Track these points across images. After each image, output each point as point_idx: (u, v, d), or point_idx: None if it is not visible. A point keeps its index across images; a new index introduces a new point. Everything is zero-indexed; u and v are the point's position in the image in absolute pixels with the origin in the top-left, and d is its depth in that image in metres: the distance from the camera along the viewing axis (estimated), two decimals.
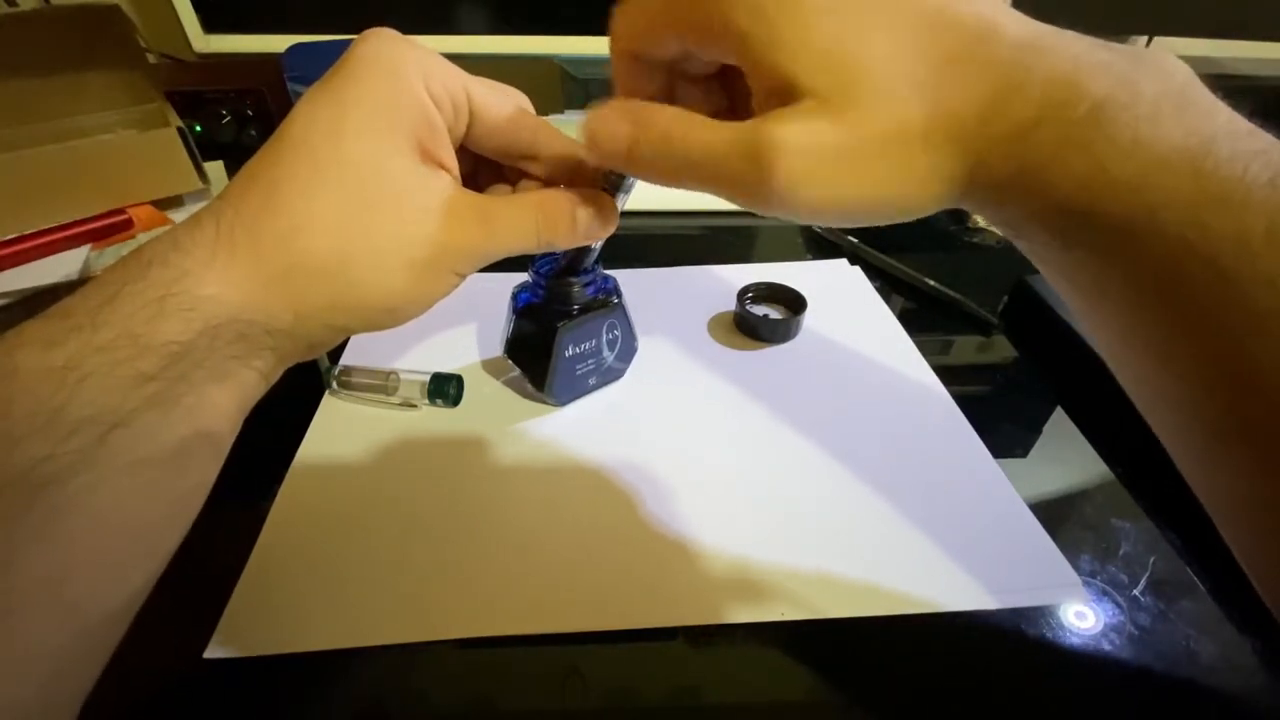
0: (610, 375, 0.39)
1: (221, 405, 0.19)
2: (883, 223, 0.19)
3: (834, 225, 0.20)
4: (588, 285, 0.35)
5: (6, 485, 0.15)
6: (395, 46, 0.20)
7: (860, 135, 0.17)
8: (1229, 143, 0.15)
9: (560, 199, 0.22)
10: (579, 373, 0.37)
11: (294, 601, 0.27)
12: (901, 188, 0.18)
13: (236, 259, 0.18)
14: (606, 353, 0.37)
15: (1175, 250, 0.15)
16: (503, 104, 0.22)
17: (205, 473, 0.19)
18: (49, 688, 0.16)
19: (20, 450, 0.15)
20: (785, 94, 0.17)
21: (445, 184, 0.21)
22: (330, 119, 0.19)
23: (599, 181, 0.23)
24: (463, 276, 0.22)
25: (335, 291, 0.19)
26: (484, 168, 0.25)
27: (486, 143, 0.23)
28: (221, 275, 0.18)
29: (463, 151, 0.23)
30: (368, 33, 0.20)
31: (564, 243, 0.23)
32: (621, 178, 0.23)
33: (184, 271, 0.17)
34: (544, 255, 0.36)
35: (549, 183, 0.24)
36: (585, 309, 0.35)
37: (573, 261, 0.33)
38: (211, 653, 0.25)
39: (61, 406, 0.15)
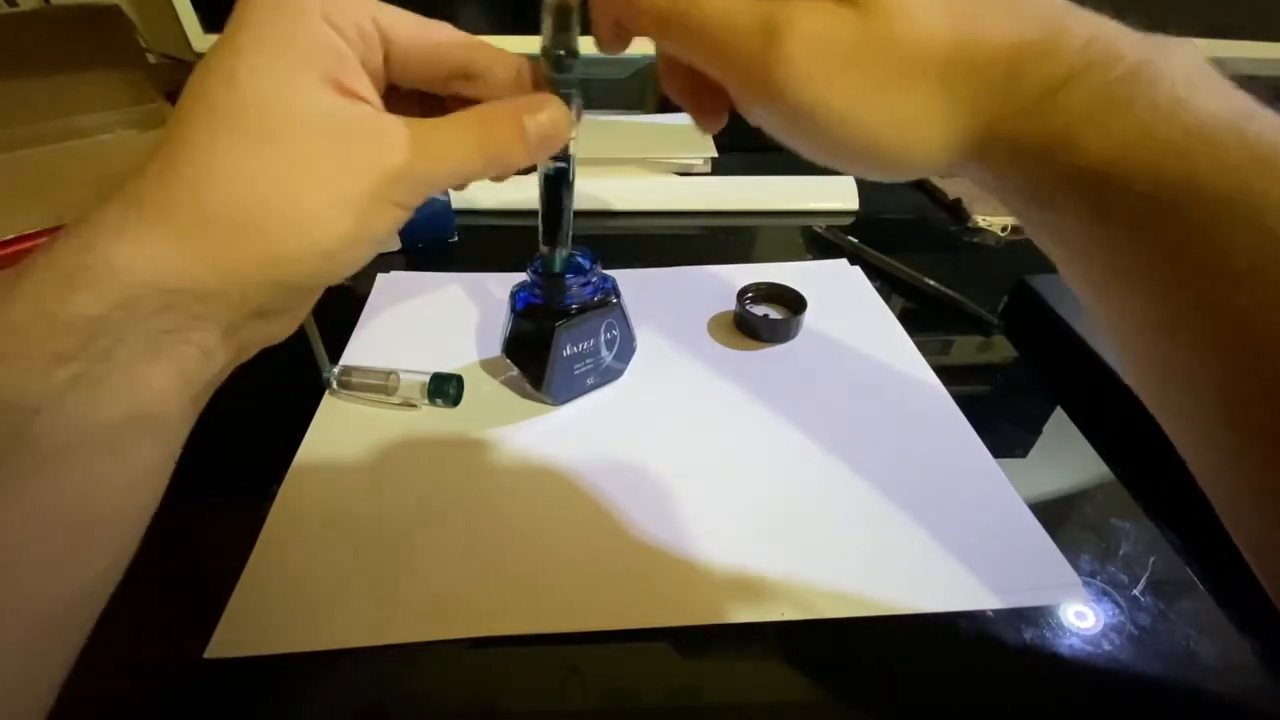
0: (609, 375, 0.39)
1: (159, 385, 0.17)
2: (874, 167, 0.18)
3: (817, 145, 0.19)
4: (586, 285, 0.35)
5: None
6: None
7: (879, 45, 0.16)
8: (1265, 110, 0.15)
9: (502, 107, 0.21)
10: (577, 372, 0.37)
11: (294, 601, 0.27)
12: (904, 116, 0.17)
13: (145, 223, 0.17)
14: (605, 352, 0.37)
15: (1219, 214, 0.14)
16: (420, 25, 0.20)
17: (150, 456, 0.18)
18: (8, 685, 0.16)
19: None
20: None
21: (365, 112, 0.19)
22: (225, 68, 0.18)
23: (543, 89, 0.22)
24: (405, 208, 0.20)
25: (256, 243, 0.18)
26: (423, 107, 0.23)
27: (412, 70, 0.21)
28: (132, 241, 0.16)
29: (396, 94, 0.21)
30: None
31: (518, 156, 0.21)
32: (566, 77, 0.21)
33: (90, 242, 0.16)
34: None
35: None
36: (584, 309, 0.35)
37: (548, 224, 0.29)
38: (211, 653, 0.25)
39: None
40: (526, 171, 0.23)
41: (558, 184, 0.26)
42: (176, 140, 0.17)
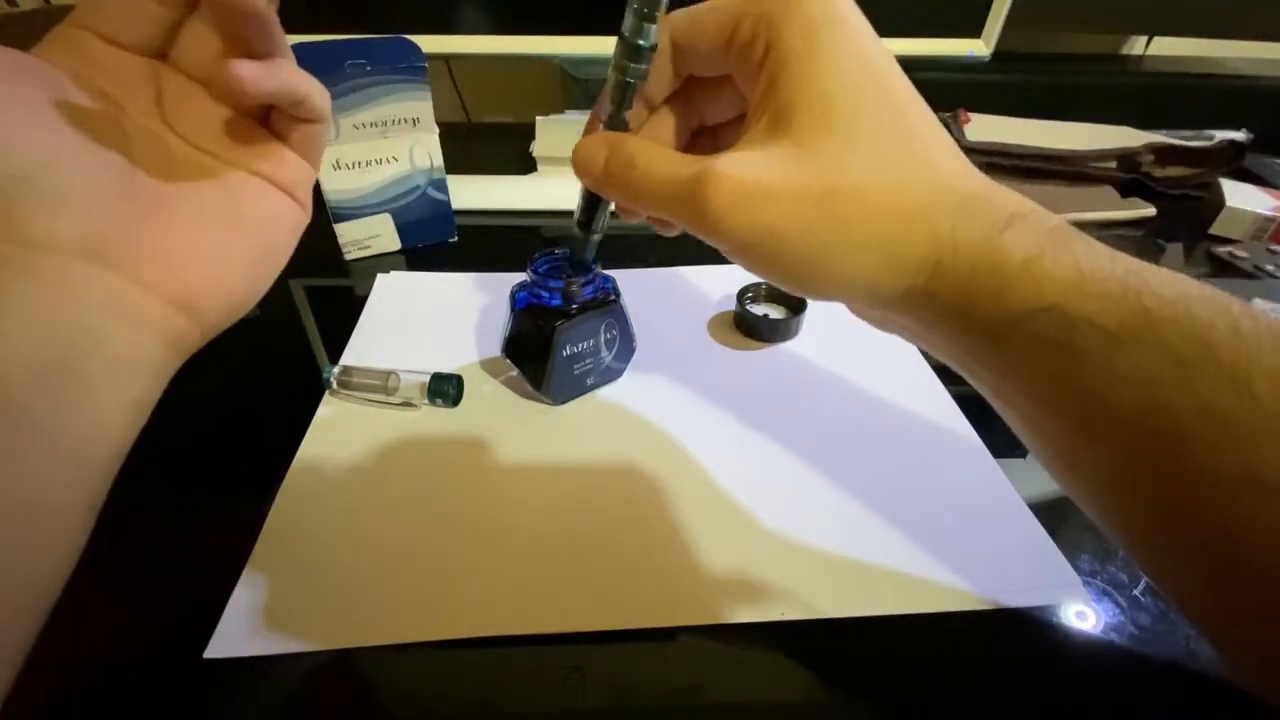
0: (608, 375, 0.39)
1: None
2: (806, 287, 0.20)
3: (760, 269, 0.20)
4: (586, 285, 0.35)
5: None
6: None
7: (811, 178, 0.18)
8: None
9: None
10: (576, 372, 0.37)
11: (294, 601, 0.27)
12: (831, 241, 0.19)
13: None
14: (604, 353, 0.37)
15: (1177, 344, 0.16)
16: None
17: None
18: None
19: None
20: (776, 123, 0.19)
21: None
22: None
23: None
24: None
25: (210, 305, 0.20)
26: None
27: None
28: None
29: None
30: None
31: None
32: (640, 67, 0.21)
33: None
34: (542, 255, 0.36)
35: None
36: (583, 309, 0.35)
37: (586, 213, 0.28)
38: (211, 653, 0.25)
39: None
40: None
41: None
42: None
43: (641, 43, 0.20)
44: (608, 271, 0.37)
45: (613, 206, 0.28)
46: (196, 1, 0.20)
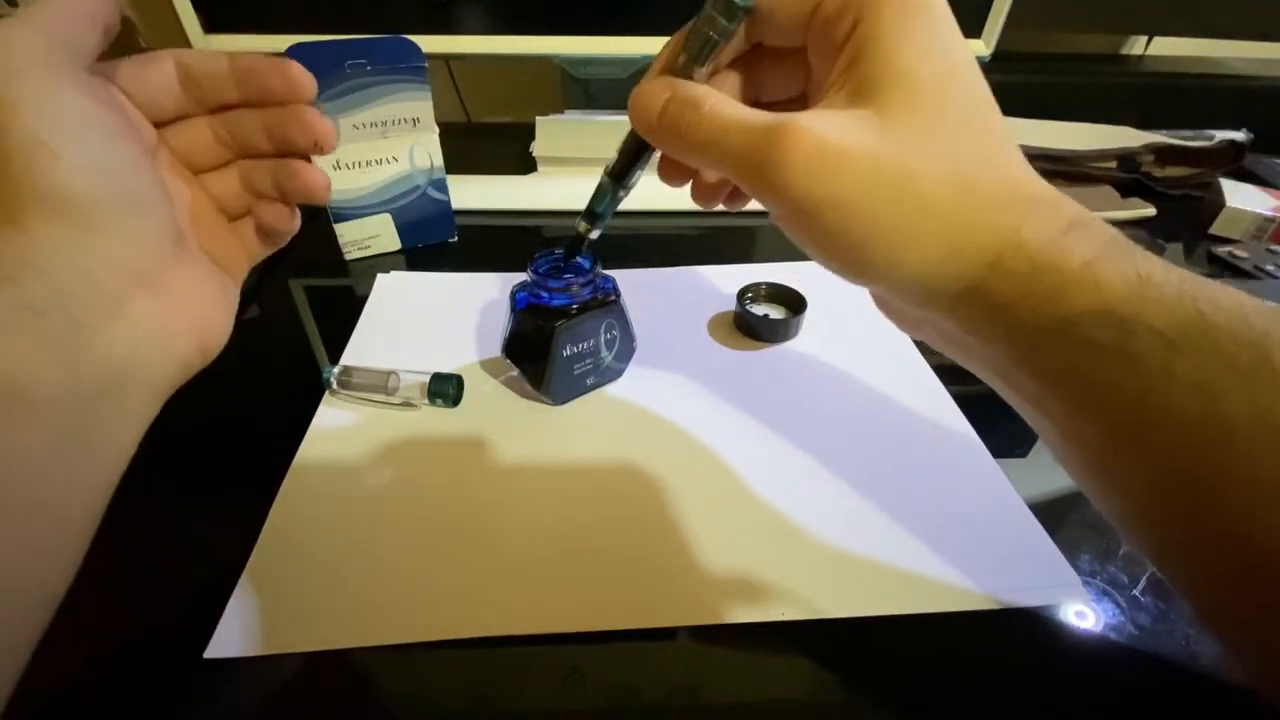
0: (608, 375, 0.39)
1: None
2: (861, 268, 0.19)
3: (815, 242, 0.20)
4: (586, 285, 0.35)
5: None
6: None
7: (890, 151, 0.18)
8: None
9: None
10: (576, 372, 0.37)
11: (294, 601, 0.27)
12: (904, 220, 0.18)
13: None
14: (604, 353, 0.37)
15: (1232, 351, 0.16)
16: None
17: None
18: None
19: None
20: (858, 94, 0.19)
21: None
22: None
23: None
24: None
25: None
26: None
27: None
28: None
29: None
30: None
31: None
32: (730, 26, 0.21)
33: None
34: (542, 255, 0.36)
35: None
36: (583, 309, 0.35)
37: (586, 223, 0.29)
38: (211, 653, 0.25)
39: None
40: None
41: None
42: None
43: (740, 1, 0.20)
44: (608, 271, 0.37)
45: (652, 177, 0.27)
46: (221, 110, 0.22)
